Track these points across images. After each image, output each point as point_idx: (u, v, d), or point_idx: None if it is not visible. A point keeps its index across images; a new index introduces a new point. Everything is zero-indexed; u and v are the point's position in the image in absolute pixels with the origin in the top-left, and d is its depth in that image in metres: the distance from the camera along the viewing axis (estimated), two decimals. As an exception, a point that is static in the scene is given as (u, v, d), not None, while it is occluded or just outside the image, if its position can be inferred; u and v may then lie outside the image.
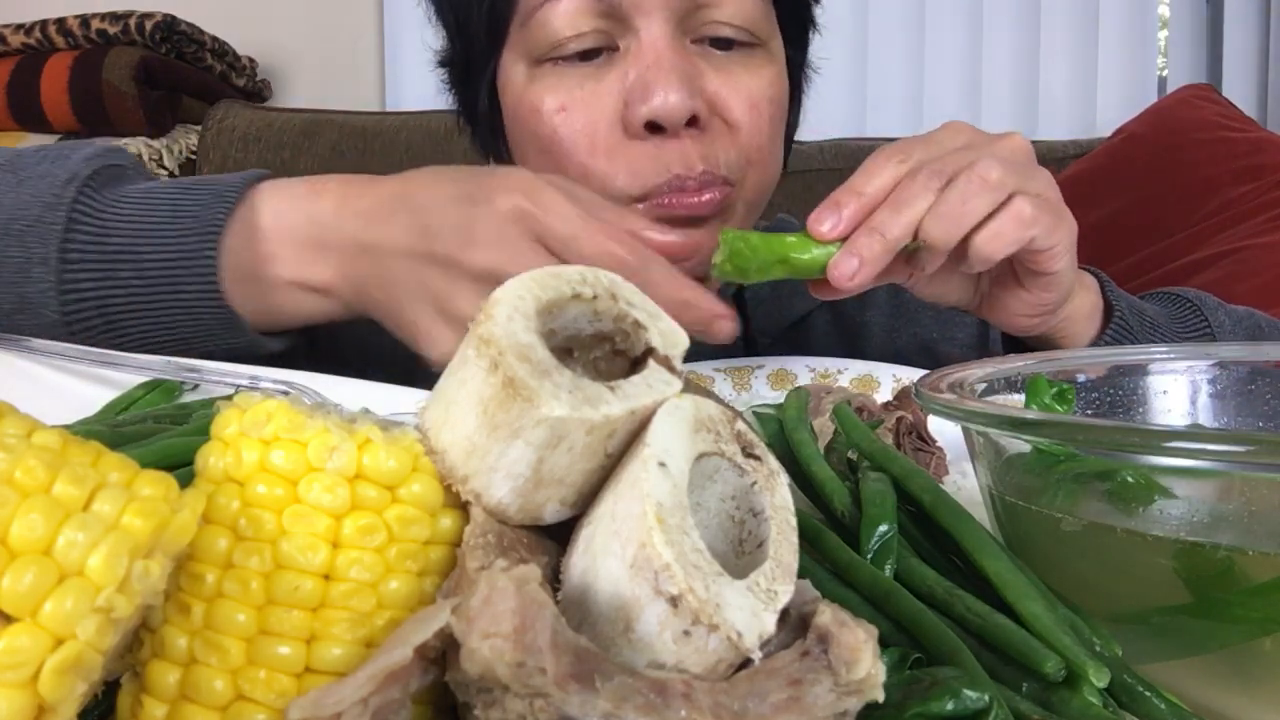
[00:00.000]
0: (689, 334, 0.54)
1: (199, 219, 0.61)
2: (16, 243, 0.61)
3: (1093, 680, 0.28)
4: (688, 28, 0.71)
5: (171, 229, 0.61)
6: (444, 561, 0.27)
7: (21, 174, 0.64)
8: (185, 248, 0.61)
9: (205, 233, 0.61)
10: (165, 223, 0.62)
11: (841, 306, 0.91)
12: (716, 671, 0.24)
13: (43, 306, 0.61)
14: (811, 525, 0.36)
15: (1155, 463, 0.37)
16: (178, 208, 0.62)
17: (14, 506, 0.21)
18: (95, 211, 0.62)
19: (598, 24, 0.70)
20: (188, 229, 0.61)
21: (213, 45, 1.85)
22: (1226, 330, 0.76)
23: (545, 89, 0.72)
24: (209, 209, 0.62)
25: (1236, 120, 1.60)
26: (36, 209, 0.61)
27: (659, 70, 0.69)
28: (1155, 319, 0.75)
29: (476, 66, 0.78)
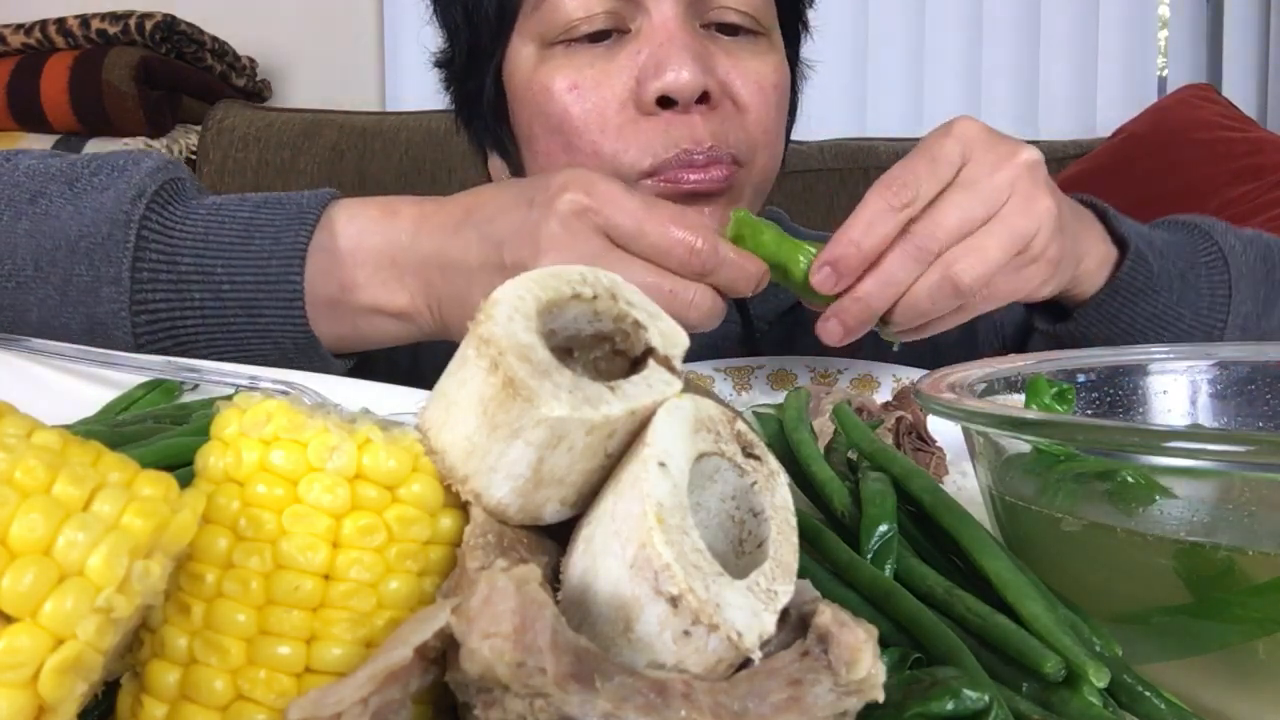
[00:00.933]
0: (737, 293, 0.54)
1: (279, 241, 0.60)
2: (84, 261, 0.60)
3: (1093, 680, 0.27)
4: (696, 11, 0.73)
5: (247, 250, 0.60)
6: (444, 561, 0.27)
7: (78, 186, 0.63)
8: (268, 271, 0.60)
9: (289, 256, 0.60)
10: (239, 243, 0.61)
11: None
12: (716, 671, 0.24)
13: (114, 328, 0.60)
14: (811, 525, 0.36)
15: (1155, 463, 0.37)
16: (251, 227, 0.61)
17: (14, 506, 0.21)
18: (164, 229, 0.61)
19: (609, 5, 0.71)
20: (267, 251, 0.60)
21: (213, 45, 1.85)
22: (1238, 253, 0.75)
23: (556, 69, 0.72)
24: (288, 230, 0.61)
25: (1236, 120, 1.60)
26: (105, 226, 0.60)
27: (672, 47, 0.70)
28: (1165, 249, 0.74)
29: (483, 54, 0.78)
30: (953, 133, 0.60)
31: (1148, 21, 2.17)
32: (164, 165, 0.65)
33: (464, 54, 0.81)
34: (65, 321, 0.60)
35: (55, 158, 0.66)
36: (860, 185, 1.73)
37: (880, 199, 0.57)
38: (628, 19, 0.72)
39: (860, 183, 1.71)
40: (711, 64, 0.72)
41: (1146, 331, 0.72)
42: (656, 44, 0.71)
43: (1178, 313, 0.73)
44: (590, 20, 0.71)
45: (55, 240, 0.60)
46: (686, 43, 0.70)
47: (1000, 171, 0.59)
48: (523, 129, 0.77)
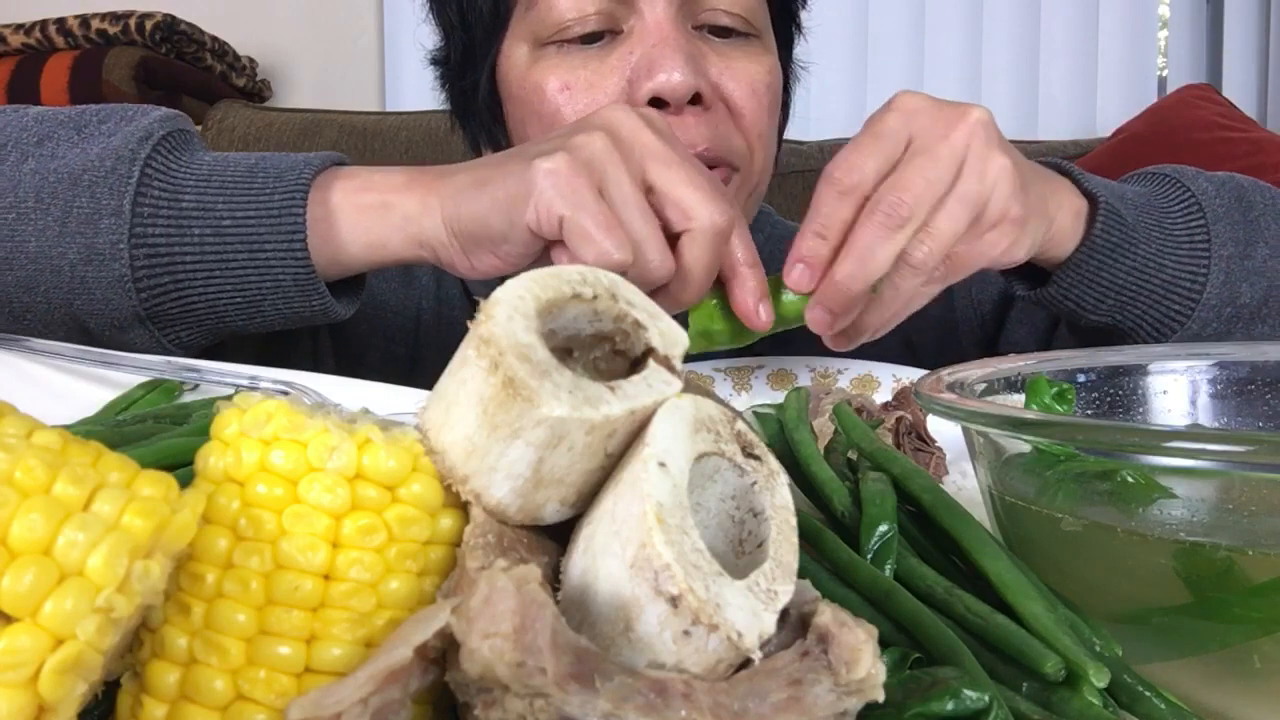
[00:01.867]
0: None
1: (282, 179, 0.61)
2: (86, 193, 0.60)
3: (1093, 680, 0.28)
4: (689, 12, 0.73)
5: (250, 188, 0.61)
6: (444, 561, 0.27)
7: (85, 131, 0.63)
8: (270, 205, 0.60)
9: (292, 190, 0.60)
10: (242, 182, 0.61)
11: None
12: (716, 671, 0.24)
13: (113, 260, 0.59)
14: (811, 525, 0.36)
15: (1155, 463, 0.37)
16: (255, 169, 0.62)
17: (14, 506, 0.21)
18: (168, 169, 0.61)
19: (602, 6, 0.71)
20: (270, 187, 0.60)
21: (213, 45, 1.86)
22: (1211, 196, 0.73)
23: (548, 69, 0.72)
24: (291, 171, 0.61)
25: (1236, 120, 1.60)
26: (110, 162, 0.60)
27: (664, 48, 0.70)
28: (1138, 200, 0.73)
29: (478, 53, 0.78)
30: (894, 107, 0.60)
31: (1148, 21, 2.17)
32: (173, 116, 0.65)
33: (459, 52, 0.81)
34: (63, 251, 0.60)
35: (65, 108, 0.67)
36: (860, 185, 1.73)
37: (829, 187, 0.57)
38: (620, 20, 0.72)
39: (860, 183, 1.71)
40: (704, 65, 0.72)
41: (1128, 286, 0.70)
42: (649, 45, 0.70)
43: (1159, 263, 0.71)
44: (583, 21, 0.71)
45: (59, 175, 0.61)
46: (679, 44, 0.70)
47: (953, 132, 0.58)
48: (516, 129, 0.78)
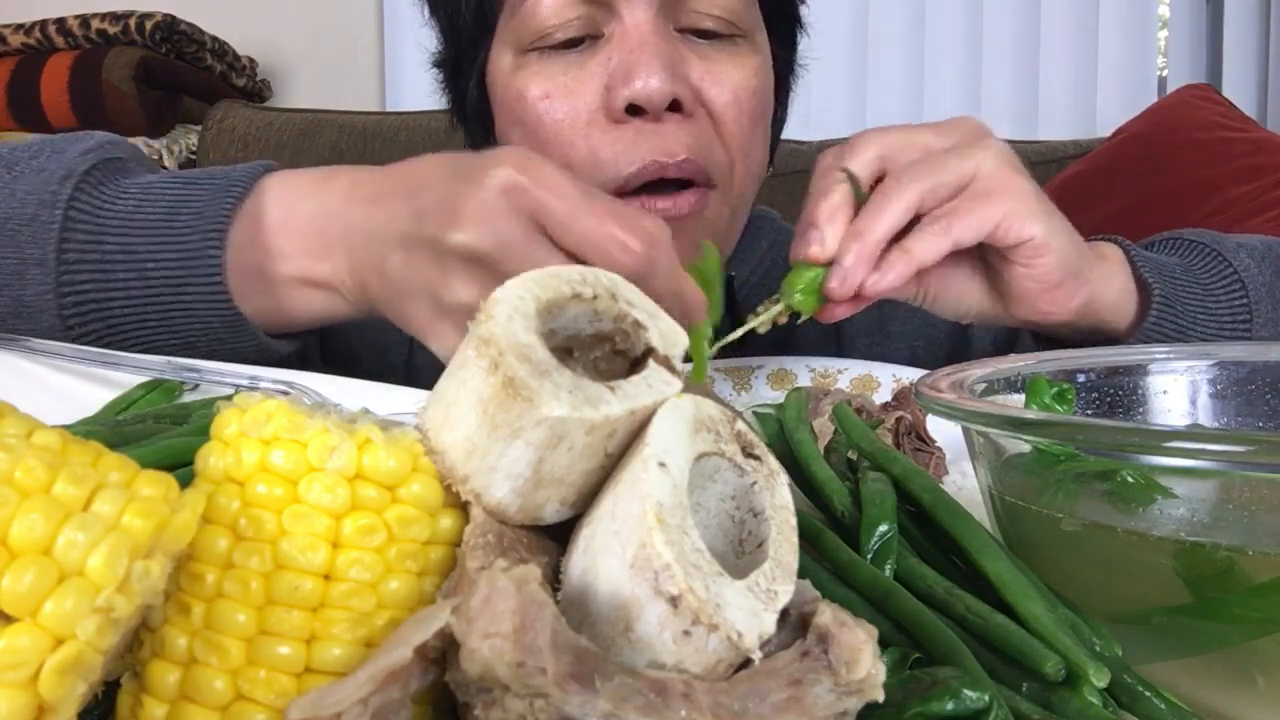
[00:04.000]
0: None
1: (202, 215, 0.59)
2: (10, 244, 0.59)
3: (1093, 680, 0.28)
4: (671, 15, 0.71)
5: (171, 227, 0.59)
6: (444, 561, 0.27)
7: (16, 169, 0.61)
8: (188, 247, 0.58)
9: (209, 231, 0.58)
10: (163, 220, 0.59)
11: None
12: (716, 671, 0.24)
13: (41, 311, 0.59)
14: (811, 525, 0.36)
15: (1155, 463, 0.37)
16: (177, 203, 0.60)
17: (14, 506, 0.21)
18: (93, 209, 0.59)
19: (582, 11, 0.70)
20: (190, 226, 0.59)
21: (213, 45, 1.86)
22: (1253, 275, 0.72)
23: (530, 77, 0.72)
24: (212, 205, 0.59)
25: (1236, 120, 1.60)
26: (32, 207, 0.59)
27: (642, 53, 0.68)
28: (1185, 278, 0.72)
29: (467, 59, 0.78)
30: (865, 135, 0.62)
31: (1148, 21, 2.17)
32: (101, 145, 0.63)
33: (453, 57, 0.81)
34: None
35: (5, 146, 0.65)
36: (860, 185, 1.73)
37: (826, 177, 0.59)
38: (600, 24, 0.71)
39: (860, 183, 1.71)
40: (684, 70, 0.70)
41: None
42: (626, 50, 0.69)
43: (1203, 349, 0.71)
44: (564, 27, 0.70)
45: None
46: (657, 49, 0.69)
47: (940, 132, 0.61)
48: (502, 135, 0.77)
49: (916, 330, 0.92)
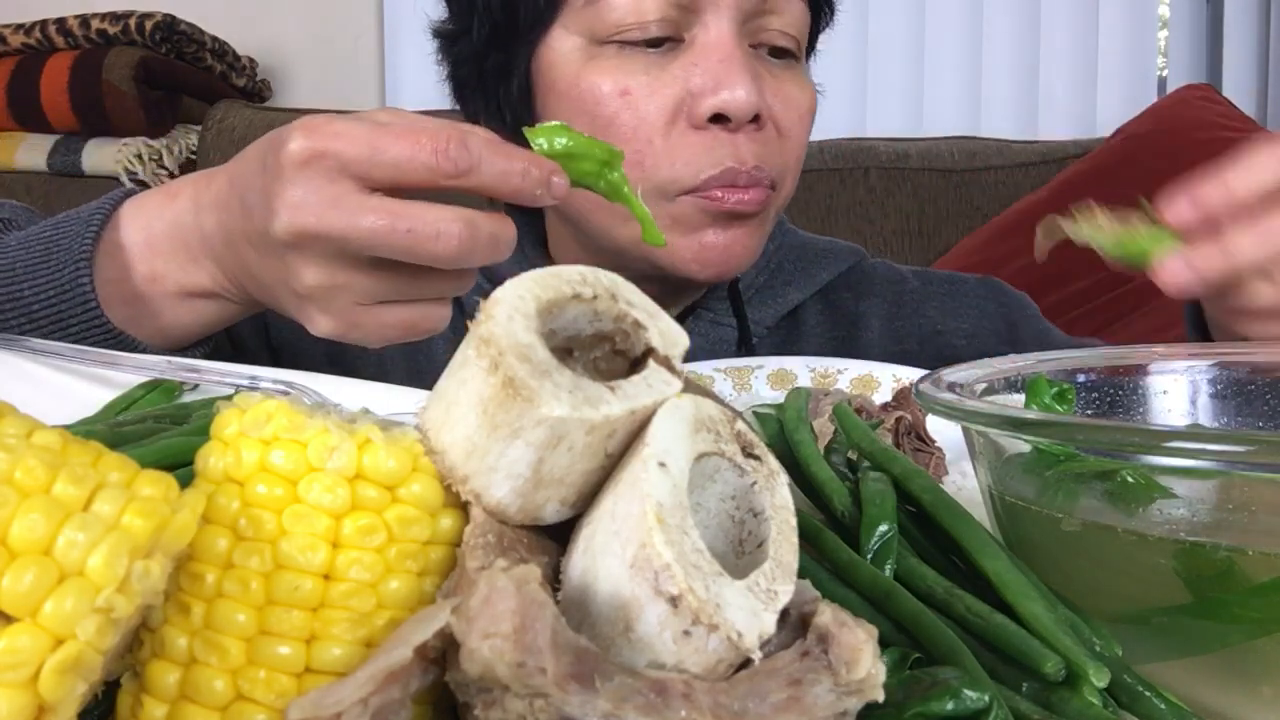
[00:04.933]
0: (526, 201, 0.49)
1: (69, 250, 0.60)
2: None
3: (1093, 680, 0.28)
4: (748, 30, 0.73)
5: (46, 266, 0.61)
6: (444, 561, 0.27)
7: None
8: (61, 280, 0.60)
9: (77, 263, 0.60)
10: (40, 261, 0.61)
11: (836, 297, 0.92)
12: (716, 671, 0.24)
13: None
14: (811, 525, 0.36)
15: (1155, 463, 0.37)
16: (50, 244, 0.61)
17: (14, 506, 0.21)
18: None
19: (667, 12, 0.71)
20: (61, 263, 0.60)
21: (213, 45, 1.85)
22: None
23: (605, 70, 0.72)
24: (77, 238, 0.61)
25: (1236, 120, 1.60)
26: None
27: (732, 65, 0.70)
28: None
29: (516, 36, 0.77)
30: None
31: (1148, 21, 2.17)
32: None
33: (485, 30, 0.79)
34: None
35: None
36: (860, 185, 1.73)
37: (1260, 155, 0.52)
38: (682, 28, 0.72)
39: (860, 183, 1.71)
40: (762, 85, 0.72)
41: None
42: (715, 60, 0.71)
43: None
44: (647, 25, 0.71)
45: None
46: (745, 63, 0.71)
47: None
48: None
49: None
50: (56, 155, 1.76)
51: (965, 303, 0.92)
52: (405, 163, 0.49)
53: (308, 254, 0.52)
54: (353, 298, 0.53)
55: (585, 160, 0.51)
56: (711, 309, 0.86)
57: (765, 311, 0.88)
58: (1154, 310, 1.37)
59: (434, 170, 0.49)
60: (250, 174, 0.54)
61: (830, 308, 0.91)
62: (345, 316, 0.54)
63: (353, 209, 0.49)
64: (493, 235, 0.51)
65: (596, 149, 0.51)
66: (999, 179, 1.74)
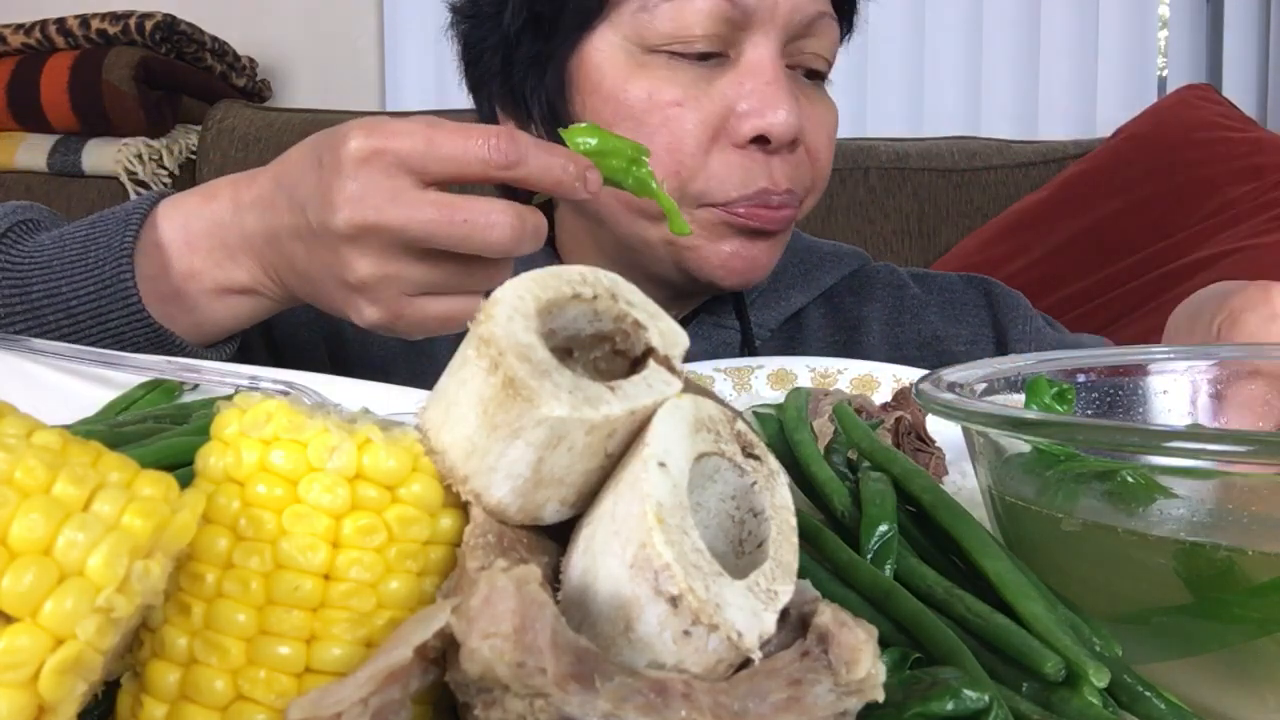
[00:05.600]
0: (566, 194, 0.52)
1: (109, 248, 0.62)
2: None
3: (1093, 680, 0.27)
4: (788, 51, 0.74)
5: (84, 263, 0.62)
6: (444, 561, 0.27)
7: None
8: (102, 277, 0.61)
9: (118, 260, 0.61)
10: (78, 259, 0.62)
11: (839, 301, 0.92)
12: (716, 671, 0.24)
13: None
14: (811, 525, 0.36)
15: (1155, 463, 0.37)
16: (87, 242, 0.63)
17: (14, 506, 0.21)
18: (14, 265, 0.63)
19: (719, 29, 0.72)
20: (101, 260, 0.62)
21: (213, 45, 1.85)
22: None
23: (656, 80, 0.73)
24: (117, 235, 0.62)
25: (1236, 120, 1.60)
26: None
27: (778, 89, 0.71)
28: None
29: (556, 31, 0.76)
30: None
31: (1148, 21, 2.17)
32: (14, 210, 0.67)
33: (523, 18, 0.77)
34: None
35: None
36: (860, 185, 1.73)
37: None
38: (729, 44, 0.73)
39: (860, 183, 1.71)
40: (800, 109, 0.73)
41: None
42: (762, 81, 0.72)
43: None
44: (700, 39, 0.72)
45: None
46: (788, 86, 0.72)
47: None
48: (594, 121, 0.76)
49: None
50: (56, 155, 1.76)
51: (965, 310, 0.92)
52: (460, 156, 0.52)
53: (363, 246, 0.54)
54: (402, 288, 0.56)
55: (614, 156, 0.55)
56: (714, 312, 0.87)
57: (768, 314, 0.88)
58: (1154, 310, 1.37)
59: (486, 163, 0.52)
60: (301, 172, 0.57)
61: (833, 311, 0.92)
62: (392, 307, 0.56)
63: (411, 202, 0.53)
64: (536, 226, 0.55)
65: (625, 146, 0.55)
66: (999, 179, 1.74)
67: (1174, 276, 1.37)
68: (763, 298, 0.89)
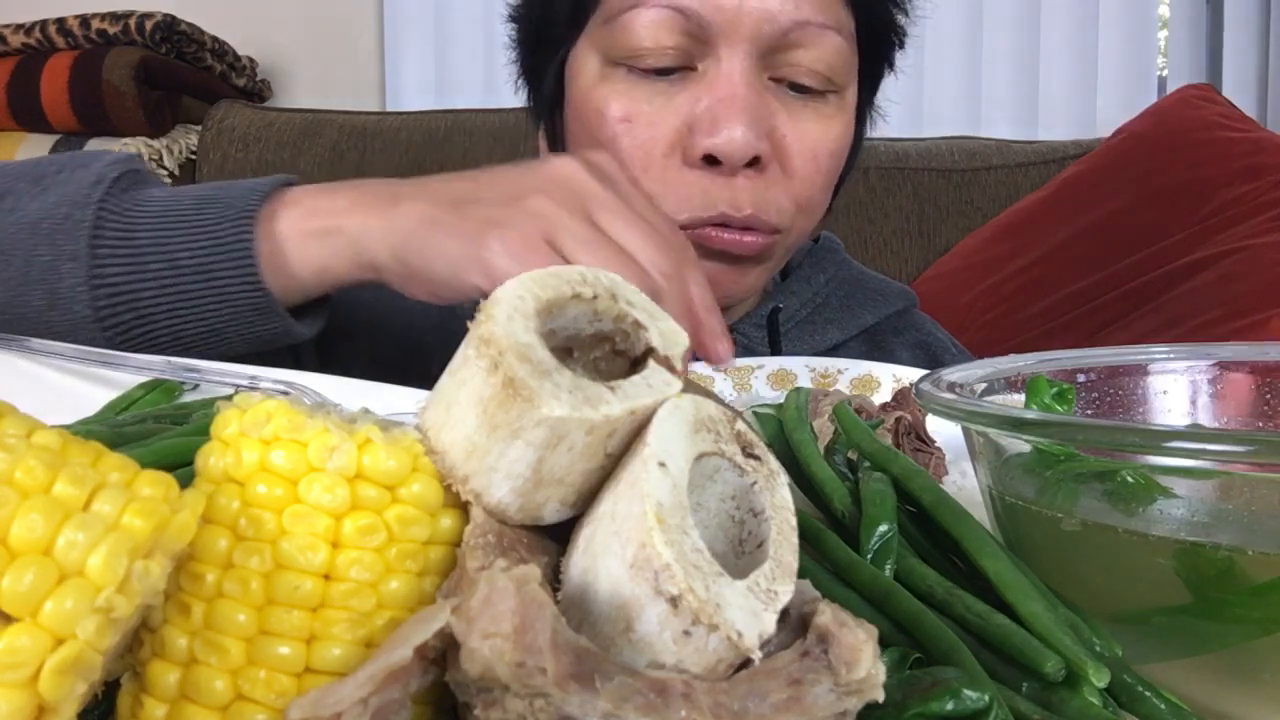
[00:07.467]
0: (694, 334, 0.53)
1: (230, 207, 0.61)
2: (46, 242, 0.61)
3: (1093, 680, 0.27)
4: (769, 64, 0.71)
5: (200, 219, 0.61)
6: (444, 561, 0.27)
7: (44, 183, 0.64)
8: (220, 234, 0.61)
9: (239, 220, 0.61)
10: (193, 213, 0.62)
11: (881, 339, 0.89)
12: (716, 671, 0.24)
13: (73, 302, 0.61)
14: (811, 525, 0.36)
15: (1155, 463, 0.37)
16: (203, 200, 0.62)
17: (14, 506, 0.21)
18: (122, 210, 0.62)
19: (680, 41, 0.69)
20: (220, 216, 0.61)
21: (213, 45, 1.86)
22: None
23: (613, 93, 0.71)
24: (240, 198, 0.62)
25: (1236, 120, 1.60)
26: (65, 208, 0.62)
27: (731, 106, 0.68)
28: None
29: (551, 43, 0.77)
30: None
31: (1148, 21, 2.17)
32: (124, 159, 0.66)
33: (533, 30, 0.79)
34: (27, 299, 0.62)
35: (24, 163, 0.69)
36: (860, 185, 1.73)
37: None
38: (696, 58, 0.70)
39: (860, 183, 1.71)
40: (770, 125, 0.70)
41: None
42: (716, 97, 0.68)
43: None
44: (658, 53, 0.69)
45: (19, 226, 0.62)
46: (748, 101, 0.68)
47: None
48: (571, 133, 0.76)
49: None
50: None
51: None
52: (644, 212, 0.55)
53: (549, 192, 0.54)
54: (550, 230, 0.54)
55: None
56: (746, 334, 0.84)
57: (801, 346, 0.86)
58: (1154, 310, 1.37)
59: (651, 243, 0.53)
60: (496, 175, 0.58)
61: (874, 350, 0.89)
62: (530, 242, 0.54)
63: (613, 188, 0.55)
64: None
65: None
66: (999, 179, 1.74)
67: (1174, 276, 1.37)
68: (799, 329, 0.86)
